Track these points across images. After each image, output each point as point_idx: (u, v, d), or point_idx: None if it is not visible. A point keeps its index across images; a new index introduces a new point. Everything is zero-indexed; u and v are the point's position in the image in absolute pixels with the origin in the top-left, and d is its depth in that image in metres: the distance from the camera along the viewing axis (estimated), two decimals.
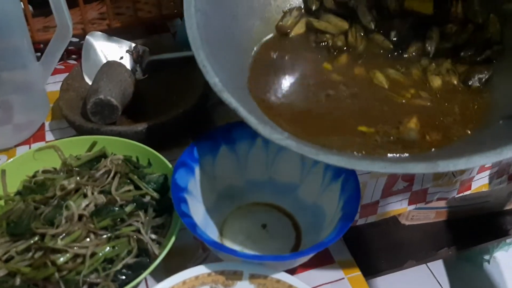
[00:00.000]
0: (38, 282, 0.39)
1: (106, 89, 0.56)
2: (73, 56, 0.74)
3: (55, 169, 0.50)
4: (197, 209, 0.46)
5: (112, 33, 0.67)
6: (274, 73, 0.51)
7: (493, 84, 0.49)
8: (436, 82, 0.50)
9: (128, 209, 0.44)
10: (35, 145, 0.59)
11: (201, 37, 0.45)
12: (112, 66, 0.61)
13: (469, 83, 0.49)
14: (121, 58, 0.66)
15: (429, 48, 0.53)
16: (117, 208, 0.44)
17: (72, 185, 0.45)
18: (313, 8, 0.58)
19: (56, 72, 0.70)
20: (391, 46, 0.54)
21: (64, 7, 0.56)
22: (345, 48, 0.55)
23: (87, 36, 0.65)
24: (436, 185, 0.83)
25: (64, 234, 0.42)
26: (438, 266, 1.25)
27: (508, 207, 1.25)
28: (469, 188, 0.87)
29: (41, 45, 0.71)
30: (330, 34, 0.56)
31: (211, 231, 0.47)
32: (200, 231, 0.40)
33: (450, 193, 0.85)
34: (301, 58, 0.54)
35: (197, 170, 0.47)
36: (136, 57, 0.66)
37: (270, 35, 0.56)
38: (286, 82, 0.50)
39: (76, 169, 0.49)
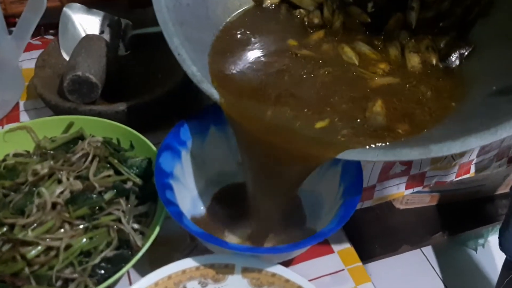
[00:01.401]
0: (5, 278, 0.35)
1: (84, 65, 0.51)
2: (51, 31, 0.69)
3: (27, 152, 0.46)
4: (184, 196, 0.42)
5: (92, 5, 0.62)
6: (234, 49, 0.46)
7: (476, 58, 0.44)
8: (414, 60, 0.45)
9: (107, 196, 0.40)
10: (8, 127, 0.55)
11: (172, 21, 0.40)
12: (92, 40, 0.56)
13: (450, 60, 0.45)
14: (102, 32, 0.61)
15: (410, 19, 0.48)
16: (95, 195, 0.40)
17: (45, 170, 0.41)
18: None
19: (32, 48, 0.65)
20: (369, 20, 0.49)
21: None
22: (321, 25, 0.50)
23: (64, 8, 0.60)
24: (434, 168, 0.80)
25: (35, 225, 0.38)
26: (432, 251, 1.23)
27: (501, 191, 1.23)
28: (468, 172, 0.85)
29: (16, 19, 0.66)
30: (304, 9, 0.51)
31: None
32: (187, 221, 0.36)
33: (448, 177, 0.83)
34: (267, 33, 0.48)
35: (184, 154, 0.43)
36: (118, 31, 0.61)
37: (245, 7, 0.51)
38: (242, 57, 0.45)
39: (51, 152, 0.45)
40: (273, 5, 0.52)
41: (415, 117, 0.39)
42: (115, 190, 0.41)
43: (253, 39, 0.47)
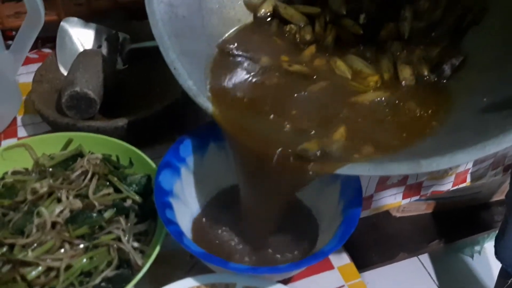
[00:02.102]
0: None
1: (82, 80, 0.51)
2: (48, 45, 0.68)
3: (26, 169, 0.46)
4: (184, 213, 0.42)
5: (89, 18, 0.62)
6: (229, 64, 0.46)
7: (467, 68, 0.44)
8: (405, 72, 0.45)
9: (107, 215, 0.40)
10: (6, 142, 0.55)
11: (168, 34, 0.40)
12: (89, 55, 0.56)
13: (441, 70, 0.45)
14: (99, 46, 0.61)
15: (402, 29, 0.48)
16: (95, 214, 0.40)
17: (45, 189, 0.41)
18: None
19: (29, 61, 0.65)
20: (361, 31, 0.49)
21: None
22: (313, 41, 0.49)
23: (62, 22, 0.60)
24: (431, 178, 0.80)
25: (35, 245, 0.37)
26: (428, 258, 1.24)
27: (496, 198, 1.24)
28: (465, 181, 0.85)
29: (13, 32, 0.66)
30: (295, 25, 0.50)
31: None
32: (187, 240, 0.36)
33: (444, 186, 0.83)
34: (261, 48, 0.48)
35: (183, 171, 0.43)
36: (116, 45, 0.61)
37: (239, 16, 0.51)
38: (237, 73, 0.45)
39: (50, 169, 0.44)
40: (268, 13, 0.52)
41: (402, 132, 0.39)
42: (115, 208, 0.41)
43: (247, 55, 0.47)
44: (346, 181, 0.41)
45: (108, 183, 0.43)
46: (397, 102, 0.42)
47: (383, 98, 0.42)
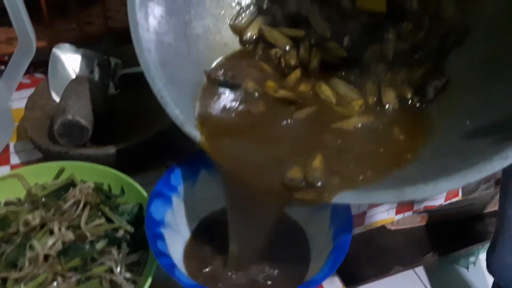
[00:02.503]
0: None
1: (74, 108, 0.51)
2: (41, 69, 0.69)
3: (19, 200, 0.46)
4: (176, 242, 0.42)
5: (81, 44, 0.63)
6: (215, 92, 0.47)
7: (451, 90, 0.45)
8: (389, 95, 0.45)
9: (99, 245, 0.40)
10: None
11: (154, 63, 0.41)
12: (81, 82, 0.56)
13: (425, 93, 0.45)
14: (91, 72, 0.61)
15: (386, 51, 0.48)
16: (87, 245, 0.40)
17: (37, 221, 0.41)
18: (264, 7, 0.53)
19: (21, 86, 0.65)
20: (345, 54, 0.49)
21: (26, 19, 0.51)
22: (298, 65, 0.49)
23: (53, 49, 0.60)
24: None
25: (28, 278, 0.37)
26: (424, 271, 1.24)
27: (490, 209, 1.24)
28: (457, 195, 0.86)
29: (5, 57, 0.66)
30: (280, 48, 0.51)
31: None
32: (179, 273, 0.36)
33: (437, 201, 0.84)
34: (247, 74, 0.48)
35: (174, 199, 0.43)
36: (108, 71, 0.62)
37: (226, 40, 0.52)
38: (224, 100, 0.46)
39: (43, 199, 0.45)
40: (254, 36, 0.52)
41: (386, 157, 0.40)
42: (107, 239, 0.41)
43: (233, 81, 0.47)
44: (336, 207, 0.42)
45: (100, 213, 0.43)
46: (380, 127, 0.42)
47: (367, 123, 0.43)
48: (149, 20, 0.42)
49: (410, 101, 0.45)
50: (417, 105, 0.45)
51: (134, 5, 0.41)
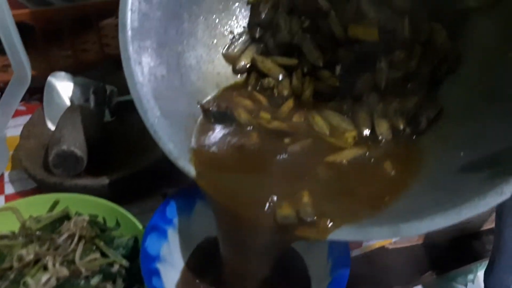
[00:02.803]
0: None
1: (69, 138, 0.51)
2: (36, 96, 0.69)
3: (13, 233, 0.45)
4: (172, 276, 0.42)
5: (77, 71, 0.63)
6: (209, 125, 0.47)
7: (444, 121, 0.44)
8: (382, 126, 0.45)
9: (94, 281, 0.40)
10: None
11: (147, 97, 0.41)
12: (77, 110, 0.56)
13: (417, 123, 0.45)
14: (87, 99, 0.61)
15: (378, 80, 0.48)
16: (82, 281, 0.40)
17: (31, 256, 0.41)
18: (257, 35, 0.53)
19: (16, 114, 0.65)
20: (337, 84, 0.49)
21: (20, 50, 0.51)
22: (291, 94, 0.50)
23: (49, 78, 0.60)
24: None
25: None
26: None
27: (487, 227, 1.24)
28: None
29: (1, 84, 0.66)
30: (273, 78, 0.51)
31: None
32: None
33: None
34: (241, 106, 0.48)
35: (170, 232, 0.43)
36: (103, 98, 0.62)
37: (219, 70, 0.52)
38: (218, 134, 0.46)
39: (37, 233, 0.44)
40: (247, 65, 0.52)
41: (378, 192, 0.39)
42: (102, 274, 0.41)
43: (226, 113, 0.47)
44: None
45: (94, 247, 0.43)
46: (373, 160, 0.42)
47: (360, 156, 0.43)
48: (141, 53, 0.42)
49: (402, 132, 0.45)
50: (410, 136, 0.45)
51: (126, 39, 0.41)
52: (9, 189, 0.56)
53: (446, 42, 0.47)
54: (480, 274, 1.24)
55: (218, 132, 0.45)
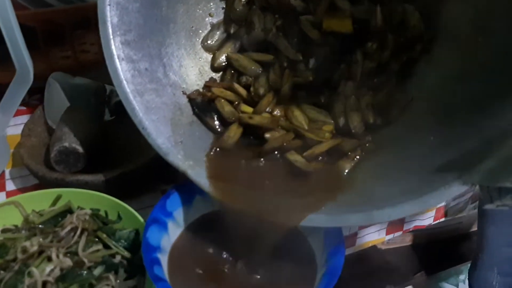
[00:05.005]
0: None
1: (70, 135, 0.53)
2: (36, 96, 0.70)
3: (16, 226, 0.47)
4: None
5: (77, 72, 0.64)
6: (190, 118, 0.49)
7: (415, 110, 0.47)
8: (355, 120, 0.47)
9: (97, 272, 0.41)
10: None
11: (133, 93, 0.42)
12: (77, 109, 0.58)
13: (389, 113, 0.47)
14: (87, 99, 0.62)
15: (354, 72, 0.49)
16: (85, 272, 0.41)
17: (35, 248, 0.42)
18: (232, 31, 0.54)
19: (17, 113, 0.66)
20: (311, 77, 0.50)
21: (24, 50, 0.52)
22: (268, 90, 0.50)
23: (49, 77, 0.61)
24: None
25: None
26: None
27: (476, 228, 1.26)
28: (445, 215, 0.88)
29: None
30: (250, 76, 0.52)
31: None
32: None
33: (426, 221, 0.85)
34: (225, 95, 0.50)
35: (170, 225, 0.44)
36: (103, 98, 0.63)
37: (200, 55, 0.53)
38: (203, 129, 0.49)
39: (40, 226, 0.45)
40: (223, 64, 0.53)
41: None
42: (104, 265, 0.42)
43: (210, 105, 0.50)
44: (328, 232, 0.43)
45: (97, 239, 0.44)
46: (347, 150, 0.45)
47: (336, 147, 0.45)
48: (123, 48, 0.43)
49: (374, 124, 0.47)
50: (382, 126, 0.47)
51: (107, 35, 0.42)
52: (10, 186, 0.57)
53: (419, 24, 0.48)
54: None
55: (203, 127, 0.49)
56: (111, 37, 0.42)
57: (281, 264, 0.43)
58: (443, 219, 0.87)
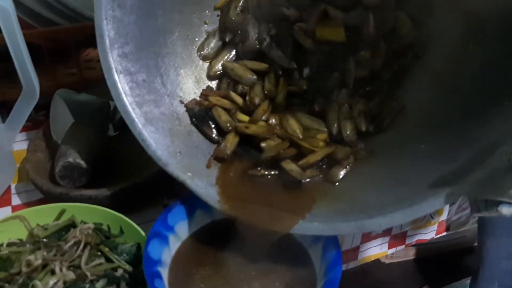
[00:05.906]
0: None
1: (75, 151, 0.54)
2: (42, 112, 0.71)
3: (21, 240, 0.48)
4: None
5: (82, 88, 0.66)
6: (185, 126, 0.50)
7: (408, 117, 0.47)
8: (348, 128, 0.48)
9: (99, 285, 0.42)
10: (0, 211, 0.57)
11: (132, 105, 0.43)
12: (82, 125, 0.59)
13: (381, 120, 0.48)
14: (92, 115, 0.64)
15: (347, 81, 0.50)
16: (87, 285, 0.42)
17: (39, 261, 0.43)
18: (227, 39, 0.55)
19: (23, 129, 0.67)
20: (305, 87, 0.51)
21: (30, 68, 0.54)
22: (264, 99, 0.51)
23: (55, 94, 0.63)
24: (415, 227, 0.83)
25: None
26: None
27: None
28: (448, 229, 0.88)
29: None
30: (245, 85, 0.52)
31: None
32: None
33: (428, 235, 0.85)
34: (221, 104, 0.51)
35: (171, 238, 0.45)
36: (107, 114, 0.64)
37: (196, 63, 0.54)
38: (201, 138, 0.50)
39: (44, 240, 0.46)
40: (218, 72, 0.54)
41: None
42: (106, 279, 0.43)
43: (207, 114, 0.51)
44: (327, 243, 0.43)
45: (99, 253, 0.45)
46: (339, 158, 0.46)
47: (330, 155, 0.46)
48: (121, 61, 0.43)
49: (366, 131, 0.48)
50: (375, 133, 0.48)
51: (105, 49, 0.42)
52: (16, 200, 0.58)
53: (411, 31, 0.49)
54: None
55: (201, 136, 0.50)
56: (109, 50, 0.42)
57: (281, 276, 0.43)
58: (445, 233, 0.87)
